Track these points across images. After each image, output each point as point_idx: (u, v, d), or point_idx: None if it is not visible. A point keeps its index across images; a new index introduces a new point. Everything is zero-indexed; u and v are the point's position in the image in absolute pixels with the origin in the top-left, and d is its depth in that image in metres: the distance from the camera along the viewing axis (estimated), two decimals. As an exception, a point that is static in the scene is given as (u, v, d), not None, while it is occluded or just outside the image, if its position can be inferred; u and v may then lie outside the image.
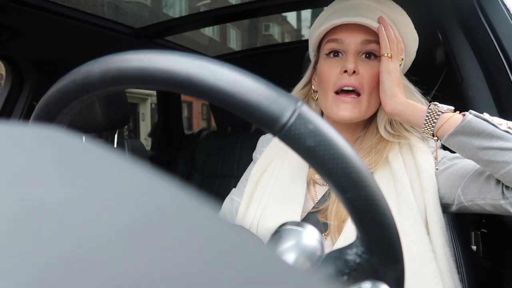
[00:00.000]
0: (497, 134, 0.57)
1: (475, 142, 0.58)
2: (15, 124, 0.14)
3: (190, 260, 0.10)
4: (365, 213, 0.24)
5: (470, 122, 0.57)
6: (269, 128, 0.24)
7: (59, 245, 0.09)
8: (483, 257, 1.11)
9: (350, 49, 0.75)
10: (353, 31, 0.74)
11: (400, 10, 0.80)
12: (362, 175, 0.24)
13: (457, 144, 0.61)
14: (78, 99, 0.29)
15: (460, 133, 0.59)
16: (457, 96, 1.08)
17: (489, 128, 0.57)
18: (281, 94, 0.24)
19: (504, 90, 0.94)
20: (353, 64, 0.73)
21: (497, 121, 0.58)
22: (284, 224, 0.31)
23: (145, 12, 1.77)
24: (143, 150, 1.65)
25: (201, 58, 0.25)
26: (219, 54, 2.13)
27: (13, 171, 0.11)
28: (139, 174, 0.13)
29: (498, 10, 0.98)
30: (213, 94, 0.24)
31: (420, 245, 0.67)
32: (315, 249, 0.29)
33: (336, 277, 0.27)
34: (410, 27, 0.80)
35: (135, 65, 0.25)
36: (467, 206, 0.68)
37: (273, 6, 1.44)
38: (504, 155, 0.56)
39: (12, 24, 1.18)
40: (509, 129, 0.57)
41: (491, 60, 0.98)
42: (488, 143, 0.57)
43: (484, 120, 0.57)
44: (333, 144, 0.23)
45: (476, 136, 0.58)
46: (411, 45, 0.80)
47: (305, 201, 0.78)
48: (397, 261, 0.26)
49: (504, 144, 0.56)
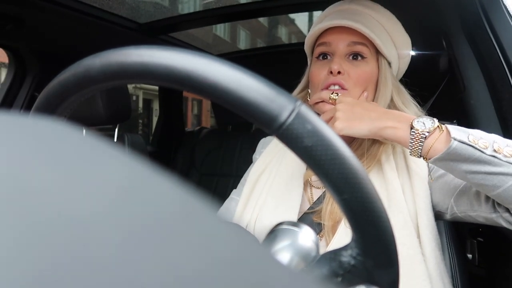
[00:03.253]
0: (484, 159, 0.56)
1: (462, 167, 0.58)
2: (15, 115, 0.14)
3: (183, 257, 0.10)
4: (361, 215, 0.24)
5: (455, 150, 0.56)
6: (267, 127, 0.24)
7: (56, 240, 0.09)
8: (479, 265, 1.11)
9: (337, 51, 0.78)
10: (340, 33, 0.78)
11: (389, 15, 0.82)
12: (359, 176, 0.24)
13: (444, 167, 0.61)
14: (78, 93, 0.29)
15: (446, 159, 0.58)
16: (459, 104, 1.08)
17: (475, 154, 0.56)
18: (280, 93, 0.24)
19: (506, 99, 0.94)
20: (337, 65, 0.75)
21: (482, 144, 0.57)
22: (280, 224, 0.31)
23: (151, 7, 1.77)
24: (143, 145, 1.65)
25: (202, 55, 0.25)
26: (223, 52, 2.13)
27: (10, 163, 0.11)
28: (137, 169, 0.13)
29: (503, 18, 0.98)
30: (213, 91, 0.24)
31: (409, 247, 0.68)
32: (310, 249, 0.29)
33: (330, 278, 0.27)
34: (401, 31, 0.82)
35: (135, 60, 0.25)
36: (461, 217, 0.69)
37: (280, 6, 1.44)
38: (492, 179, 0.56)
39: (17, 14, 1.17)
40: (494, 152, 0.56)
41: (494, 69, 0.98)
42: (476, 167, 0.57)
43: (470, 146, 0.56)
44: (331, 144, 0.23)
45: (463, 161, 0.57)
46: (403, 47, 0.83)
47: (302, 202, 0.79)
48: (392, 264, 0.26)
49: (491, 168, 0.56)
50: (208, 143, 2.03)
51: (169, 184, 0.13)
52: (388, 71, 0.80)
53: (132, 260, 0.09)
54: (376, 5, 0.82)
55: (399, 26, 0.82)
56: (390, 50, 0.80)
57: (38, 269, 0.08)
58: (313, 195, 0.81)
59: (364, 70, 0.77)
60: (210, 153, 1.99)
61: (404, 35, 0.83)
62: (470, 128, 0.60)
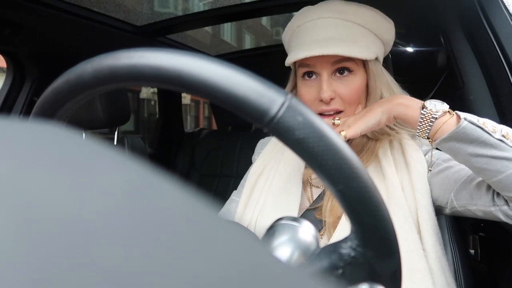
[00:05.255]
0: (491, 142, 0.56)
1: (468, 149, 0.58)
2: (14, 120, 0.14)
3: (183, 257, 0.10)
4: (358, 204, 0.24)
5: (464, 129, 0.57)
6: (258, 121, 0.24)
7: (58, 244, 0.09)
8: (481, 261, 1.11)
9: (322, 72, 0.75)
10: (322, 56, 0.72)
11: (364, 10, 0.77)
12: (353, 166, 0.23)
13: (449, 149, 0.61)
14: (72, 99, 0.29)
15: (453, 139, 0.58)
16: (458, 100, 1.08)
17: (483, 136, 0.56)
18: (270, 87, 0.24)
19: (505, 95, 0.94)
20: (327, 93, 0.73)
21: (491, 127, 0.57)
22: (280, 219, 0.31)
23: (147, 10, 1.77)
24: (143, 148, 1.65)
25: (190, 54, 0.25)
26: (221, 53, 2.13)
27: (10, 168, 0.11)
28: (137, 172, 0.13)
29: (500, 14, 0.98)
30: (203, 88, 0.24)
31: (410, 243, 0.68)
32: (310, 244, 0.28)
33: (331, 271, 0.27)
34: (381, 19, 0.78)
35: (125, 62, 0.25)
36: (460, 211, 0.69)
37: (277, 6, 1.44)
38: (496, 164, 0.56)
39: (14, 19, 1.18)
40: (502, 137, 0.56)
41: (493, 65, 0.98)
42: (481, 150, 0.57)
43: (479, 127, 0.57)
44: (323, 135, 0.23)
45: (470, 143, 0.57)
46: (387, 35, 0.80)
47: (302, 200, 0.79)
48: (392, 254, 0.26)
49: (497, 153, 0.56)
50: (208, 144, 2.03)
51: (169, 186, 0.13)
52: (376, 71, 0.78)
53: (134, 262, 0.09)
54: (349, 5, 0.77)
55: (378, 16, 0.78)
56: (376, 47, 0.77)
57: (39, 272, 0.08)
58: (313, 194, 0.82)
59: (354, 86, 0.75)
60: (210, 154, 1.99)
61: (385, 22, 0.79)
62: None
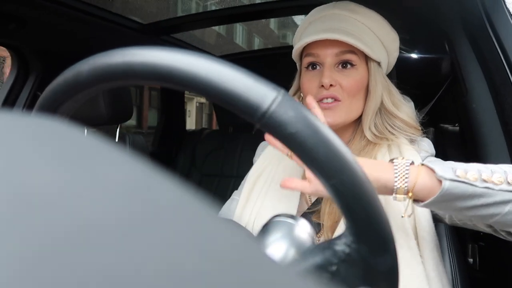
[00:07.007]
0: (478, 193, 0.55)
1: (457, 204, 0.56)
2: (17, 114, 0.14)
3: (179, 254, 0.10)
4: (351, 199, 0.24)
5: (448, 190, 0.54)
6: (250, 117, 0.24)
7: (55, 237, 0.09)
8: (480, 270, 1.10)
9: (325, 62, 0.77)
10: (327, 44, 0.77)
11: (374, 15, 0.81)
12: (345, 160, 0.23)
13: (437, 208, 0.60)
14: (71, 98, 0.30)
15: (440, 201, 0.56)
16: (461, 107, 1.08)
17: (468, 190, 0.54)
18: (262, 82, 0.24)
19: (509, 104, 0.94)
20: (328, 79, 0.75)
21: (472, 177, 0.55)
22: (276, 216, 0.30)
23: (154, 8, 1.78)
24: (144, 146, 1.66)
25: (182, 51, 0.25)
26: (225, 53, 2.13)
27: (11, 162, 0.11)
28: (138, 169, 0.13)
29: (505, 22, 0.98)
30: (195, 85, 0.24)
31: (406, 250, 0.67)
32: (305, 241, 0.28)
33: (325, 268, 0.26)
34: (388, 28, 0.82)
35: (119, 60, 0.26)
36: (460, 224, 0.69)
37: (284, 8, 1.44)
38: (488, 210, 0.55)
39: (19, 14, 1.18)
40: (485, 182, 0.55)
41: (496, 73, 0.97)
42: (470, 203, 0.55)
43: (461, 182, 0.54)
44: (315, 130, 0.23)
45: (457, 199, 0.56)
46: (391, 45, 0.83)
47: (300, 203, 0.80)
48: (387, 249, 0.25)
49: (486, 200, 0.55)
50: (209, 144, 2.03)
51: (168, 184, 0.13)
52: (378, 73, 0.80)
53: (132, 258, 0.09)
54: (360, 7, 0.81)
55: (385, 24, 0.82)
56: (379, 52, 0.80)
57: (41, 270, 0.08)
58: (311, 197, 0.82)
59: (355, 79, 0.77)
60: (211, 154, 1.99)
61: (391, 32, 0.83)
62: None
